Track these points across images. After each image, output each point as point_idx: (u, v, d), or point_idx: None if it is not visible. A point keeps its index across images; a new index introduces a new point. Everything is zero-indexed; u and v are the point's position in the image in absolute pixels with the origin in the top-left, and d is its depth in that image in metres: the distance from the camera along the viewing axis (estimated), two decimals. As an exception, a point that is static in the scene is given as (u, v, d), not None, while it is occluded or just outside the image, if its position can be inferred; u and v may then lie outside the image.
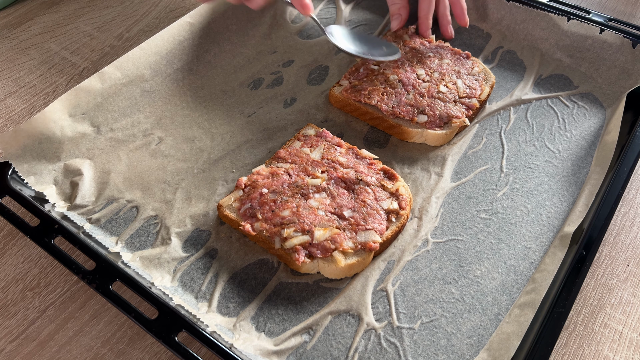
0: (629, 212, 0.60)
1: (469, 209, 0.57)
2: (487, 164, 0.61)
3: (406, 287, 0.51)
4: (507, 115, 0.67)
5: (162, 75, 0.68)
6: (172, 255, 0.53)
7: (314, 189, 0.55)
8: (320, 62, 0.73)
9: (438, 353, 0.47)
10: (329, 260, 0.50)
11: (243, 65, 0.73)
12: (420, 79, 0.66)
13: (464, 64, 0.69)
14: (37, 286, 0.53)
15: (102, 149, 0.61)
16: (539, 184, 0.59)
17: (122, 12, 0.85)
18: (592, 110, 0.67)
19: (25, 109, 0.70)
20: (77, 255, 0.52)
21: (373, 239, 0.51)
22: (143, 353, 0.49)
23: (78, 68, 0.75)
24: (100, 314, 0.51)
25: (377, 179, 0.56)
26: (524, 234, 0.55)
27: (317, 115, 0.67)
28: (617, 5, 0.87)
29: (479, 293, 0.50)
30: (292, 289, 0.51)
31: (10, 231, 0.57)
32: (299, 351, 0.47)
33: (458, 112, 0.63)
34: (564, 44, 0.73)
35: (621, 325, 0.51)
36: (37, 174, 0.57)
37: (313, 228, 0.51)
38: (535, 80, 0.71)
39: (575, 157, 0.62)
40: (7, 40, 0.79)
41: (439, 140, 0.63)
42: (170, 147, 0.63)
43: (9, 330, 0.50)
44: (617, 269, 0.55)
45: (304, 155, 0.58)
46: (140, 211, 0.56)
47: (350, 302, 0.50)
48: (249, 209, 0.54)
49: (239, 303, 0.50)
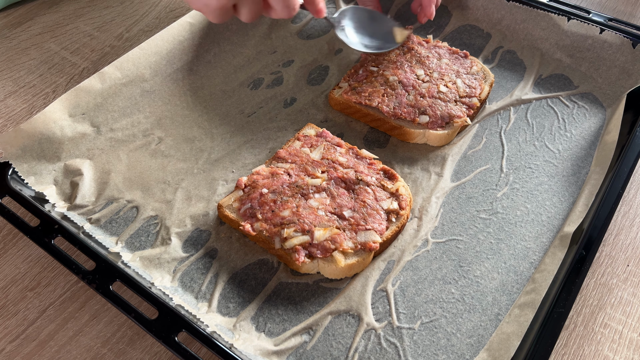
0: (629, 212, 0.60)
1: (469, 209, 0.57)
2: (487, 164, 0.61)
3: (406, 287, 0.51)
4: (507, 115, 0.67)
5: (162, 75, 0.68)
6: (172, 255, 0.53)
7: (314, 189, 0.55)
8: (320, 62, 0.73)
9: (438, 353, 0.47)
10: (329, 260, 0.50)
11: (243, 65, 0.73)
12: (420, 80, 0.66)
13: (463, 63, 0.69)
14: (37, 286, 0.53)
15: (102, 149, 0.61)
16: (539, 184, 0.59)
17: (122, 12, 0.85)
18: (592, 110, 0.67)
19: (25, 109, 0.70)
20: (77, 256, 0.52)
21: (373, 239, 0.51)
22: (143, 353, 0.49)
23: (78, 68, 0.75)
24: (100, 314, 0.51)
25: (377, 179, 0.56)
26: (524, 234, 0.55)
27: (317, 115, 0.67)
28: (617, 5, 0.87)
29: (479, 293, 0.50)
30: (292, 289, 0.51)
31: (10, 231, 0.57)
32: (299, 351, 0.47)
33: (459, 111, 0.63)
34: (564, 43, 0.73)
35: (621, 325, 0.51)
36: (37, 174, 0.57)
37: (313, 228, 0.51)
38: (535, 80, 0.71)
39: (575, 157, 0.62)
40: (7, 40, 0.79)
41: (441, 140, 0.63)
42: (170, 147, 0.63)
43: (9, 330, 0.50)
44: (617, 269, 0.55)
45: (304, 155, 0.58)
46: (140, 211, 0.56)
47: (350, 302, 0.50)
48: (249, 209, 0.54)
49: (239, 303, 0.50)
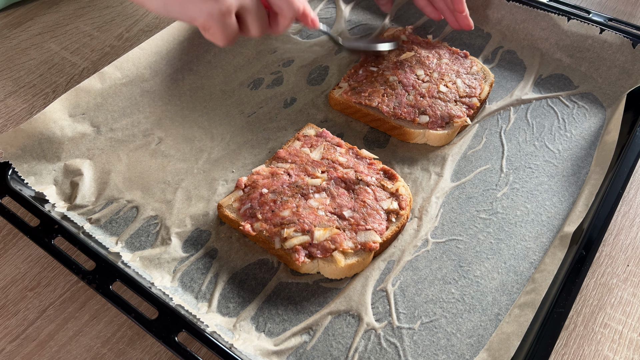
0: (629, 212, 0.60)
1: (469, 209, 0.57)
2: (487, 164, 0.61)
3: (406, 287, 0.51)
4: (507, 115, 0.67)
5: (162, 75, 0.68)
6: (172, 255, 0.53)
7: (314, 189, 0.55)
8: (320, 62, 0.73)
9: (438, 353, 0.47)
10: (329, 260, 0.50)
11: (243, 65, 0.73)
12: (420, 80, 0.66)
13: (463, 63, 0.69)
14: (37, 286, 0.53)
15: (102, 149, 0.61)
16: (539, 184, 0.59)
17: (122, 12, 0.85)
18: (592, 110, 0.67)
19: (25, 109, 0.70)
20: (77, 256, 0.52)
21: (373, 239, 0.51)
22: (143, 353, 0.48)
23: (78, 68, 0.75)
24: (100, 314, 0.51)
25: (377, 179, 0.56)
26: (524, 234, 0.55)
27: (317, 115, 0.67)
28: (617, 5, 0.87)
29: (479, 293, 0.50)
30: (292, 289, 0.51)
31: (10, 231, 0.57)
32: (299, 351, 0.47)
33: (459, 111, 0.63)
34: (564, 43, 0.73)
35: (621, 325, 0.51)
36: (37, 174, 0.57)
37: (313, 228, 0.51)
38: (535, 80, 0.71)
39: (575, 157, 0.62)
40: (7, 40, 0.79)
41: (441, 140, 0.63)
42: (170, 147, 0.63)
43: (9, 330, 0.50)
44: (617, 269, 0.55)
45: (304, 155, 0.58)
46: (140, 211, 0.56)
47: (350, 302, 0.50)
48: (249, 209, 0.54)
49: (239, 303, 0.50)
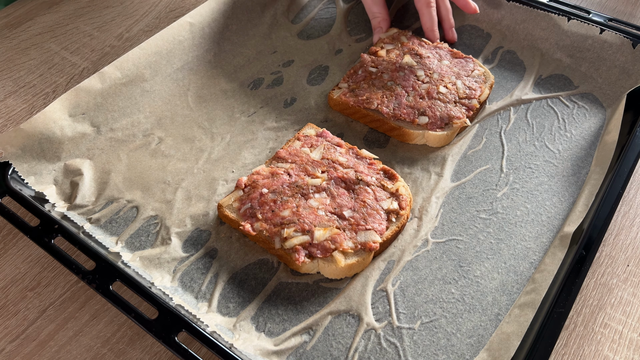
0: (629, 212, 0.60)
1: (469, 209, 0.57)
2: (487, 164, 0.61)
3: (406, 287, 0.51)
4: (507, 115, 0.67)
5: (162, 75, 0.68)
6: (172, 255, 0.53)
7: (314, 189, 0.55)
8: (320, 62, 0.73)
9: (438, 353, 0.47)
10: (329, 260, 0.50)
11: (243, 65, 0.73)
12: (420, 80, 0.66)
13: (463, 65, 0.69)
14: (37, 286, 0.53)
15: (102, 149, 0.61)
16: (539, 184, 0.59)
17: (122, 12, 0.85)
18: (592, 110, 0.67)
19: (25, 109, 0.70)
20: (77, 255, 0.52)
21: (373, 239, 0.51)
22: (143, 353, 0.48)
23: (78, 68, 0.75)
24: (100, 314, 0.51)
25: (377, 179, 0.56)
26: (524, 234, 0.55)
27: (317, 115, 0.67)
28: (617, 5, 0.87)
29: (479, 293, 0.50)
30: (292, 289, 0.51)
31: (10, 231, 0.57)
32: (299, 351, 0.47)
33: (458, 112, 0.63)
34: (564, 44, 0.73)
35: (621, 325, 0.51)
36: (37, 174, 0.57)
37: (313, 228, 0.51)
38: (535, 80, 0.71)
39: (575, 157, 0.62)
40: (7, 40, 0.79)
41: (440, 141, 0.63)
42: (170, 147, 0.63)
43: (9, 330, 0.50)
44: (617, 269, 0.55)
45: (304, 155, 0.58)
46: (140, 211, 0.56)
47: (350, 302, 0.50)
48: (249, 209, 0.54)
49: (239, 303, 0.50)
